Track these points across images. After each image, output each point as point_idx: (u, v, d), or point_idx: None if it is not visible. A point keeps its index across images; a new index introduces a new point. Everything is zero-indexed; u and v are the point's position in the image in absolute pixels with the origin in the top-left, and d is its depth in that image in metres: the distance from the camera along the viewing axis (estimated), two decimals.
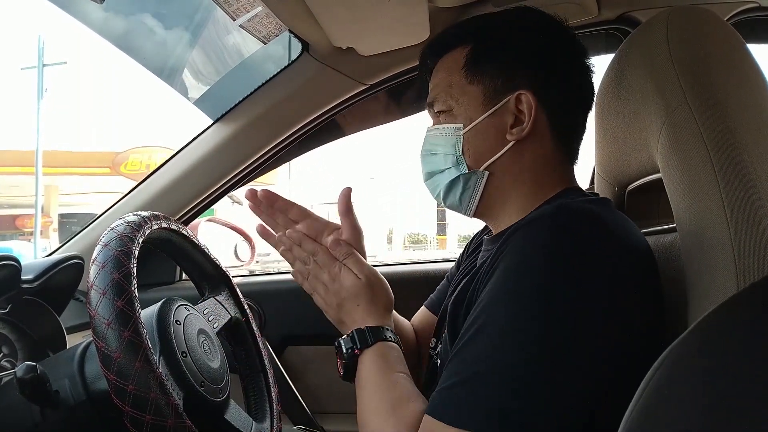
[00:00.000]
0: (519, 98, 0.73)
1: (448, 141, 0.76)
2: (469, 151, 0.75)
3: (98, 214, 1.39)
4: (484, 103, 0.75)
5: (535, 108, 0.72)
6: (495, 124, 0.74)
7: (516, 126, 0.74)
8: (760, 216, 0.57)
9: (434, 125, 0.79)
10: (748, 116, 0.62)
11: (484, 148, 0.75)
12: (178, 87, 1.36)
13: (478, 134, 0.75)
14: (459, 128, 0.75)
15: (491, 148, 0.75)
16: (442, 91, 0.78)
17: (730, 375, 0.27)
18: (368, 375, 0.71)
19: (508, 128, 0.74)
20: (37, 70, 12.90)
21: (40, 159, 12.26)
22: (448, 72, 0.78)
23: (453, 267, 1.01)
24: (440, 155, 0.77)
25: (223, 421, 0.70)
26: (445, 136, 0.76)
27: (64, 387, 0.64)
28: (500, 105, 0.74)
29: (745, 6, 1.15)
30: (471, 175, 0.76)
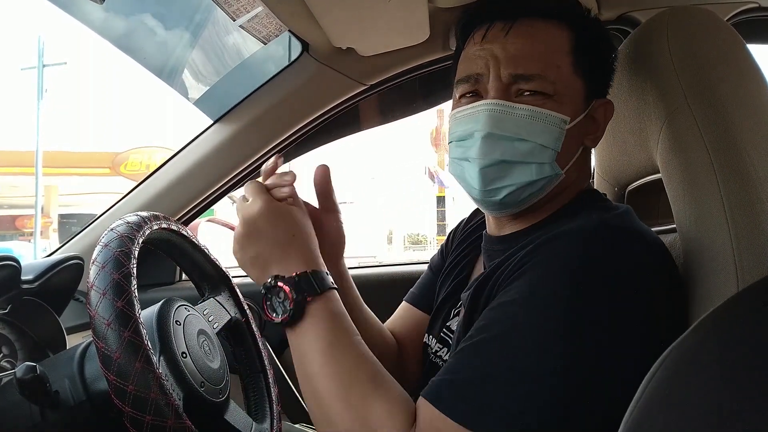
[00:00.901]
0: (603, 105, 0.71)
1: (551, 132, 0.65)
2: (563, 149, 0.66)
3: (98, 214, 1.39)
4: (584, 100, 0.68)
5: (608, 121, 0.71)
6: (581, 126, 0.69)
7: (591, 133, 0.71)
8: (759, 216, 0.57)
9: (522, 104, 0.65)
10: (747, 116, 0.62)
11: (572, 149, 0.69)
12: (178, 87, 1.36)
13: (572, 133, 0.67)
14: (565, 121, 0.65)
15: (573, 150, 0.69)
16: (549, 69, 0.65)
17: (729, 375, 0.27)
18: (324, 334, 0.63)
19: (586, 133, 0.70)
20: (37, 70, 12.90)
21: (40, 159, 12.26)
22: (552, 49, 0.67)
23: (436, 257, 0.96)
24: (533, 144, 0.65)
25: (223, 422, 0.70)
26: (548, 124, 0.65)
27: (64, 387, 0.64)
28: (590, 107, 0.69)
29: (744, 6, 1.15)
30: (555, 176, 0.67)
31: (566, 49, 0.67)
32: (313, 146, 1.43)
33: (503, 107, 0.65)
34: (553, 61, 0.66)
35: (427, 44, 1.12)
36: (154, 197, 1.32)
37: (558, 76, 0.65)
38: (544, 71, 0.65)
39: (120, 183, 12.55)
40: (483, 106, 0.66)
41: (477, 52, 0.69)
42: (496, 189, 0.67)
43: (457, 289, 0.82)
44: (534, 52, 0.66)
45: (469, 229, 0.90)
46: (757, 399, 0.26)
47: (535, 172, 0.66)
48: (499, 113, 0.65)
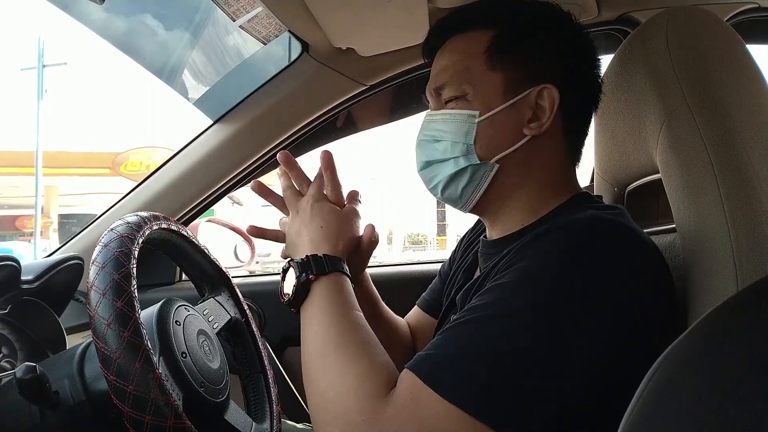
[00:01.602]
0: (542, 92, 0.70)
1: (459, 128, 0.71)
2: (482, 141, 0.71)
3: (98, 214, 1.39)
4: (504, 92, 0.71)
5: (557, 104, 0.70)
6: (513, 116, 0.71)
7: (534, 121, 0.71)
8: (759, 216, 0.57)
9: (439, 110, 0.74)
10: (747, 116, 0.62)
11: (498, 140, 0.71)
12: (178, 87, 1.36)
13: (494, 124, 0.71)
14: (474, 115, 0.70)
15: (506, 141, 0.71)
16: (457, 74, 0.72)
17: (729, 376, 0.27)
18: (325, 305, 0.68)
19: (525, 122, 0.71)
20: (37, 70, 12.89)
21: (40, 159, 12.26)
22: (465, 54, 0.73)
23: (445, 265, 0.99)
24: (446, 142, 0.72)
25: (222, 422, 0.70)
26: (456, 122, 0.71)
27: (63, 387, 0.64)
28: (521, 96, 0.70)
29: (744, 6, 1.15)
30: (480, 167, 0.71)
31: (480, 50, 0.72)
32: (313, 146, 1.43)
33: (429, 116, 0.75)
34: (463, 65, 0.72)
35: None
36: (154, 197, 1.32)
37: (467, 77, 0.72)
38: (452, 77, 0.72)
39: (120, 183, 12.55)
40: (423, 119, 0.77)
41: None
42: (434, 186, 0.76)
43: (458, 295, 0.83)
44: (446, 64, 0.74)
45: (473, 236, 0.92)
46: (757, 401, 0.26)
47: (453, 165, 0.72)
48: (426, 123, 0.75)
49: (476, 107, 0.71)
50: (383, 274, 1.47)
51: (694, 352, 0.30)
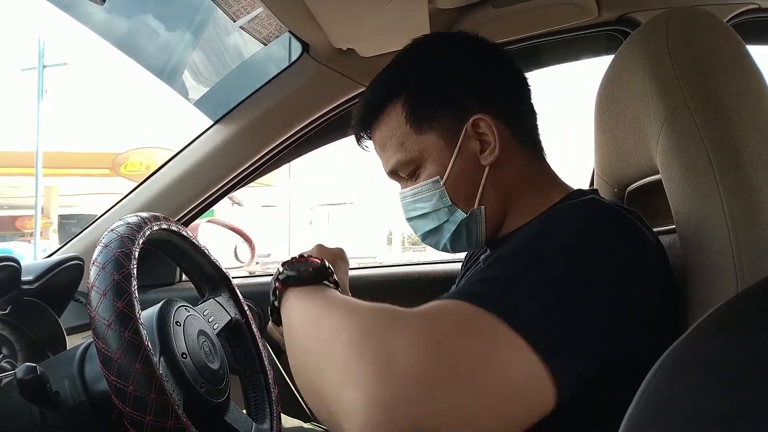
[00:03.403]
0: (476, 123, 0.71)
1: (433, 197, 0.73)
2: (457, 195, 0.73)
3: (98, 215, 1.39)
4: (446, 145, 0.72)
5: (495, 126, 0.71)
6: (467, 158, 0.72)
7: (485, 150, 0.72)
8: (759, 217, 0.57)
9: (407, 188, 0.76)
10: (747, 118, 0.62)
11: (469, 186, 0.73)
12: (178, 88, 1.36)
13: (458, 176, 0.72)
14: (437, 181, 0.73)
15: (476, 182, 0.73)
16: (398, 152, 0.74)
17: (730, 377, 0.27)
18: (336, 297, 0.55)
19: (479, 156, 0.72)
20: (37, 71, 12.89)
21: (40, 160, 12.25)
22: (391, 136, 0.74)
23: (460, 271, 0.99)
24: (431, 213, 0.75)
25: (223, 422, 0.70)
26: (427, 193, 0.74)
27: (64, 388, 0.64)
28: (461, 138, 0.72)
29: (745, 7, 1.15)
30: (470, 218, 0.73)
31: (402, 121, 0.73)
32: (313, 147, 1.43)
33: (401, 195, 0.78)
34: (398, 142, 0.74)
35: None
36: (155, 198, 1.32)
37: (407, 152, 0.73)
38: (397, 158, 0.74)
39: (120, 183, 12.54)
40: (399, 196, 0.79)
41: None
42: (443, 246, 0.78)
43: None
44: (384, 147, 0.76)
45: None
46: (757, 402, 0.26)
47: (448, 227, 0.75)
48: (403, 201, 0.78)
49: (433, 173, 0.73)
50: (383, 275, 1.47)
51: (694, 352, 0.30)
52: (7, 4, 32.19)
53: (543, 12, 1.15)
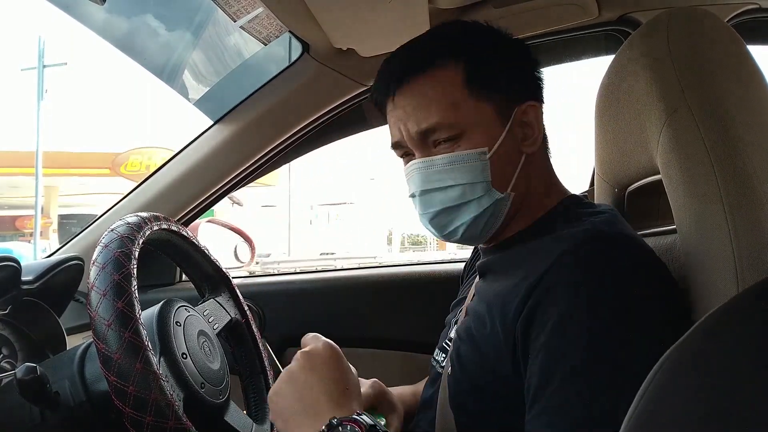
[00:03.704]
0: (527, 110, 0.71)
1: (473, 169, 0.68)
2: (496, 174, 0.69)
3: (98, 215, 1.39)
4: (498, 120, 0.70)
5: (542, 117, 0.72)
6: (511, 140, 0.70)
7: (528, 138, 0.71)
8: (760, 217, 0.57)
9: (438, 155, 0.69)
10: (748, 118, 0.62)
11: (509, 168, 0.70)
12: (178, 88, 1.36)
13: (501, 154, 0.69)
14: (483, 152, 0.68)
15: (513, 166, 0.70)
16: (446, 113, 0.68)
17: (730, 377, 0.27)
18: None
19: (520, 142, 0.71)
20: (38, 70, 12.89)
21: (40, 160, 12.25)
22: (444, 91, 0.69)
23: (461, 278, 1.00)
24: (463, 186, 0.69)
25: (223, 423, 0.70)
26: (467, 163, 0.68)
27: (64, 388, 0.64)
28: (512, 119, 0.70)
29: (745, 7, 1.15)
30: (501, 200, 0.70)
31: (459, 83, 0.69)
32: (313, 147, 1.43)
33: (426, 164, 0.70)
34: (448, 102, 0.68)
35: None
36: (155, 198, 1.32)
37: (459, 114, 0.68)
38: (443, 117, 0.68)
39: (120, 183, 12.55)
40: (411, 167, 0.72)
41: (390, 122, 0.75)
42: (452, 231, 0.72)
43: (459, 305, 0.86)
44: (427, 105, 0.69)
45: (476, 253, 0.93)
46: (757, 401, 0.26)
47: (476, 206, 0.69)
48: (424, 171, 0.70)
49: (481, 143, 0.68)
50: (383, 274, 1.47)
51: (695, 353, 0.30)
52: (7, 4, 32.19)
53: (543, 12, 1.14)
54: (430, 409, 0.76)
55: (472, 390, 0.67)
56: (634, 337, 0.56)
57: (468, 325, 0.71)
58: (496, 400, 0.65)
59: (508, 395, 0.62)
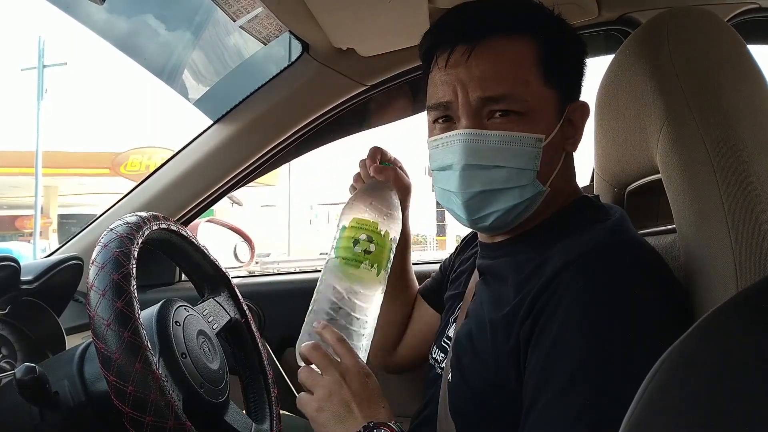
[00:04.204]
0: (576, 108, 0.70)
1: (527, 154, 0.64)
2: (544, 165, 0.65)
3: (98, 214, 1.39)
4: (557, 110, 0.67)
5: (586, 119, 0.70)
6: (561, 134, 0.68)
7: (571, 137, 0.70)
8: (759, 217, 0.57)
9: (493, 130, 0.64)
10: (747, 117, 0.62)
11: (554, 162, 0.67)
12: (178, 88, 1.36)
13: (551, 147, 0.66)
14: (540, 139, 0.64)
15: (556, 162, 0.68)
16: (517, 87, 0.63)
17: (730, 377, 0.27)
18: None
19: (566, 139, 0.69)
20: (37, 70, 12.89)
21: (39, 160, 12.25)
22: (519, 64, 0.64)
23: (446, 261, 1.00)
24: (511, 170, 0.64)
25: (222, 423, 0.70)
26: (523, 146, 0.64)
27: (63, 388, 0.64)
28: (565, 113, 0.68)
29: (745, 7, 1.15)
30: (539, 194, 0.66)
31: (534, 62, 0.65)
32: (313, 146, 1.43)
33: (476, 136, 0.64)
34: (520, 77, 0.64)
35: None
36: (154, 197, 1.32)
37: (528, 92, 0.64)
38: (513, 90, 0.63)
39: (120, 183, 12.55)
40: (457, 136, 0.65)
41: (443, 78, 0.67)
42: (482, 216, 0.67)
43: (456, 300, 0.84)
44: (500, 72, 0.64)
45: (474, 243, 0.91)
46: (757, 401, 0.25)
47: (518, 195, 0.65)
48: (473, 143, 0.64)
49: (539, 129, 0.64)
50: None
51: (694, 352, 0.30)
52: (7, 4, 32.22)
53: None
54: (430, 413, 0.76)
55: (473, 397, 0.67)
56: (638, 343, 0.56)
57: (469, 329, 0.71)
58: (498, 408, 0.64)
59: (510, 403, 0.62)
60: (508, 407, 0.62)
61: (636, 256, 0.61)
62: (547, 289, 0.59)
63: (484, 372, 0.65)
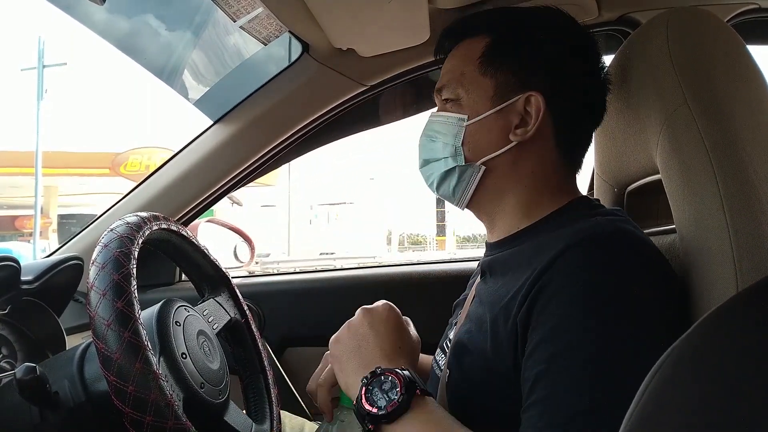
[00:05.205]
0: (528, 99, 0.72)
1: (450, 130, 0.75)
2: (470, 144, 0.74)
3: (98, 214, 1.39)
4: (493, 98, 0.74)
5: (543, 112, 0.71)
6: (500, 121, 0.73)
7: (521, 127, 0.72)
8: (759, 217, 0.57)
9: (438, 111, 0.78)
10: (747, 117, 0.62)
11: (484, 143, 0.74)
12: (178, 88, 1.36)
13: (482, 128, 0.74)
14: (463, 119, 0.74)
15: (492, 145, 0.74)
16: (454, 78, 0.76)
17: (729, 377, 0.27)
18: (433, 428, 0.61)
19: (512, 128, 0.73)
20: (37, 70, 12.89)
21: (39, 160, 12.25)
22: (462, 60, 0.77)
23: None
24: (439, 143, 0.76)
25: (222, 423, 0.70)
26: (448, 124, 0.76)
27: (63, 388, 0.64)
28: (509, 103, 0.73)
29: (745, 7, 1.15)
30: (467, 168, 0.75)
31: (475, 56, 0.75)
32: (313, 147, 1.43)
33: (431, 116, 0.79)
34: (460, 70, 0.76)
35: (428, 45, 1.12)
36: (154, 198, 1.32)
37: (461, 82, 0.75)
38: (449, 81, 0.77)
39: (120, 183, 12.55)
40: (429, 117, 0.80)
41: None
42: (431, 183, 0.80)
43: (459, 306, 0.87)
44: (448, 69, 0.79)
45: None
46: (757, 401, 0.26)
47: (443, 164, 0.76)
48: (428, 122, 0.80)
49: (466, 111, 0.75)
50: (383, 274, 1.47)
51: (694, 352, 0.30)
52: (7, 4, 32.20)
53: None
54: None
55: (470, 390, 0.68)
56: (635, 331, 0.56)
57: (469, 328, 0.71)
58: (497, 405, 0.65)
59: (508, 392, 0.62)
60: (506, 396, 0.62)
61: (638, 245, 0.62)
62: (547, 270, 0.60)
63: (482, 363, 0.66)
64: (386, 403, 0.61)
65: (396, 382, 0.62)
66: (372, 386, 0.62)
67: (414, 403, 0.61)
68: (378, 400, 0.61)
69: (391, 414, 0.60)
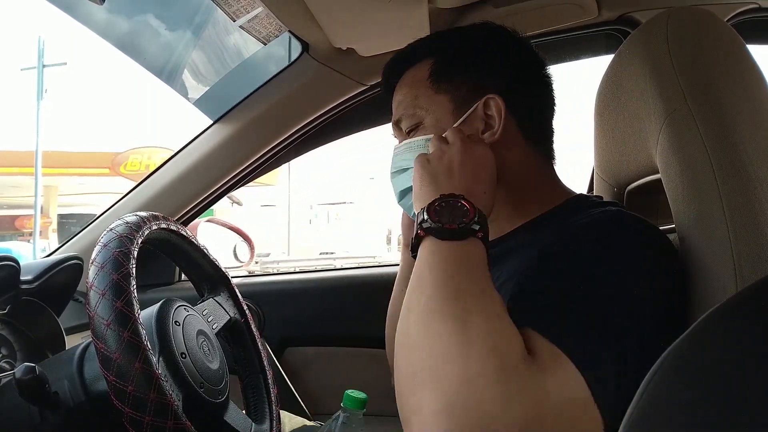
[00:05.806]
0: (488, 102, 0.73)
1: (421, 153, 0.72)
2: None
3: (97, 214, 1.39)
4: (453, 111, 0.74)
5: (504, 111, 0.72)
6: (466, 130, 0.72)
7: (487, 131, 0.73)
8: (759, 217, 0.57)
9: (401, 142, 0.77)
10: (747, 117, 0.62)
11: None
12: (178, 88, 1.36)
13: None
14: (429, 139, 0.72)
15: None
16: (409, 105, 0.76)
17: (729, 376, 0.27)
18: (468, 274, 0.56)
19: (480, 134, 0.73)
20: (37, 70, 12.88)
21: (39, 159, 12.25)
22: (412, 86, 0.77)
23: None
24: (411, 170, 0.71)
25: (222, 423, 0.70)
26: (417, 149, 0.74)
27: (63, 388, 0.64)
28: (470, 111, 0.73)
29: (745, 7, 1.15)
30: None
31: (423, 78, 0.76)
32: (313, 146, 1.43)
33: (395, 150, 0.78)
34: (412, 95, 0.76)
35: None
36: (154, 197, 1.32)
37: (417, 105, 0.75)
38: (406, 108, 0.77)
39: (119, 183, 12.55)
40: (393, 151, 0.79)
41: None
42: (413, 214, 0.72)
43: None
44: (399, 100, 0.79)
45: None
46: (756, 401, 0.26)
47: None
48: (394, 156, 0.79)
49: (430, 130, 0.74)
50: (383, 274, 1.47)
51: (693, 352, 0.30)
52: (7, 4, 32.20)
53: (543, 11, 1.14)
54: None
55: None
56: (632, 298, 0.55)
57: None
58: None
59: None
60: None
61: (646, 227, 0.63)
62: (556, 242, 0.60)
63: None
64: (449, 221, 0.58)
65: (469, 212, 0.59)
66: (440, 209, 0.60)
67: (470, 240, 0.58)
68: (442, 217, 0.59)
69: (458, 231, 0.58)
